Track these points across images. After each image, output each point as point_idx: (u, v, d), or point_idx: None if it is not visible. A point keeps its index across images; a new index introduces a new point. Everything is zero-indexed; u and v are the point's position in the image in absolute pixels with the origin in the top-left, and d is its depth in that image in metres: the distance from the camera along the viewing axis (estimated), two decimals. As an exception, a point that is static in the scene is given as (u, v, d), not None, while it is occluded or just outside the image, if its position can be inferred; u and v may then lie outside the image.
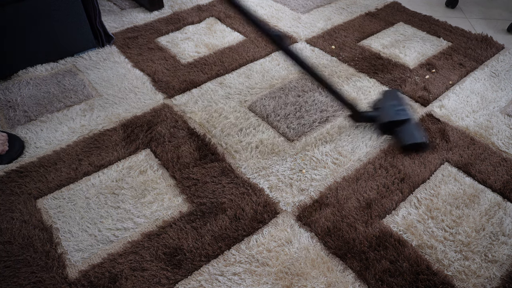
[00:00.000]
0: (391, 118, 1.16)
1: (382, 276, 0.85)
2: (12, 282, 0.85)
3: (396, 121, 1.16)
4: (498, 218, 0.97)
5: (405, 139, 1.13)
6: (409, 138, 1.13)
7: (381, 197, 1.01)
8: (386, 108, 1.20)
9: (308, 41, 1.62)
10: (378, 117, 1.17)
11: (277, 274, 0.87)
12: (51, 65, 1.48)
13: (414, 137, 1.13)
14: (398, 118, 1.16)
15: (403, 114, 1.17)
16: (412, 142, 1.12)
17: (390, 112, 1.18)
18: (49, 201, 1.02)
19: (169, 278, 0.86)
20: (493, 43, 1.59)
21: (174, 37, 1.66)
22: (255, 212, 0.98)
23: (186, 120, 1.25)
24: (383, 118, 1.16)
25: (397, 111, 1.18)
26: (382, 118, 1.17)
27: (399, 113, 1.17)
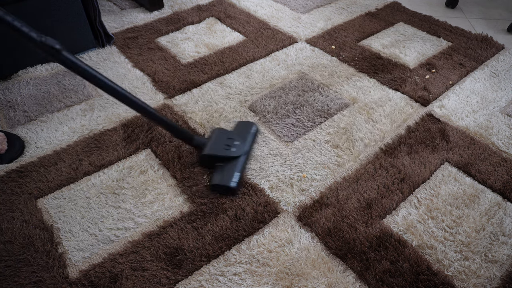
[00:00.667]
0: (211, 151, 1.05)
1: (382, 277, 0.86)
2: (13, 281, 0.85)
3: (215, 156, 1.05)
4: (498, 218, 0.97)
5: (216, 179, 1.02)
6: (220, 178, 1.01)
7: (381, 197, 1.02)
8: (215, 139, 1.08)
9: (308, 41, 1.62)
10: (204, 146, 1.07)
11: (277, 275, 0.87)
12: (51, 65, 1.48)
13: (225, 179, 1.01)
14: (219, 153, 1.05)
15: (229, 151, 1.05)
16: (219, 183, 1.01)
17: (216, 145, 1.07)
18: (49, 200, 1.02)
19: (169, 278, 0.86)
20: (493, 43, 1.59)
21: (174, 37, 1.66)
22: (256, 212, 0.98)
23: (187, 120, 1.25)
24: (205, 149, 1.06)
25: (227, 145, 1.06)
26: (205, 149, 1.06)
27: (225, 149, 1.06)
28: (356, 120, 1.25)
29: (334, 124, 1.23)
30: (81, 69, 0.83)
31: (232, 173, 1.02)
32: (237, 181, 1.01)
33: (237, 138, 1.09)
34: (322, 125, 1.23)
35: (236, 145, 1.07)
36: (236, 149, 1.06)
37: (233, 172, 1.02)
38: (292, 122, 1.24)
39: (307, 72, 1.45)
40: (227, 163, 1.05)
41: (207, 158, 1.06)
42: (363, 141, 1.17)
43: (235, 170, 1.03)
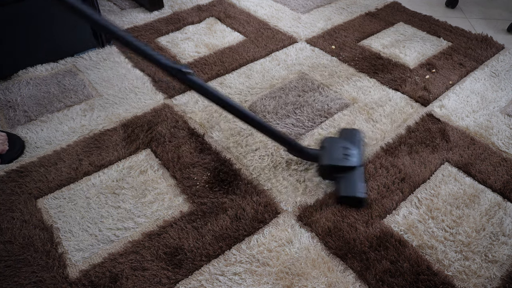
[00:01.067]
0: (332, 161, 1.01)
1: (382, 277, 0.86)
2: (13, 281, 0.85)
3: (337, 166, 1.00)
4: (498, 218, 0.97)
5: (342, 190, 0.99)
6: (346, 189, 0.98)
7: (381, 197, 1.01)
8: (332, 149, 1.03)
9: (308, 41, 1.62)
10: (320, 157, 1.03)
11: (277, 274, 0.87)
12: (51, 65, 1.48)
13: (352, 190, 0.98)
14: (341, 163, 1.00)
15: (350, 160, 1.01)
16: (348, 195, 0.98)
17: (335, 155, 1.02)
18: (49, 200, 1.02)
19: (169, 278, 0.86)
20: (493, 43, 1.59)
21: (174, 37, 1.66)
22: (256, 212, 0.98)
23: (187, 120, 1.25)
24: (324, 160, 1.01)
25: (345, 155, 1.02)
26: (323, 159, 1.02)
27: (345, 158, 1.01)
28: (356, 120, 1.25)
29: (334, 124, 1.23)
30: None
31: (357, 183, 0.99)
32: (364, 191, 0.99)
33: (351, 146, 1.05)
34: (322, 125, 1.23)
35: (354, 154, 1.03)
36: (355, 159, 1.02)
37: (358, 183, 0.99)
38: (292, 122, 1.24)
39: (307, 72, 1.45)
40: (349, 173, 1.00)
41: (328, 168, 1.01)
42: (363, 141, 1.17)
43: (359, 180, 1.00)
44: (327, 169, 1.02)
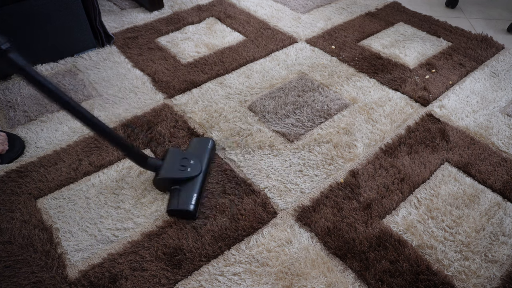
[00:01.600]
0: (166, 174, 0.98)
1: (382, 276, 0.85)
2: (12, 282, 0.85)
3: (171, 178, 0.98)
4: (498, 218, 0.97)
5: (172, 203, 0.96)
6: (176, 203, 0.96)
7: (381, 197, 1.01)
8: (169, 160, 1.01)
9: (308, 41, 1.62)
10: (159, 168, 1.00)
11: (277, 274, 0.87)
12: (51, 65, 1.48)
13: (179, 203, 0.95)
14: (174, 175, 0.98)
15: (185, 171, 0.99)
16: (176, 208, 0.95)
17: (170, 167, 1.00)
18: (49, 201, 1.02)
19: (169, 278, 0.86)
20: (493, 43, 1.59)
21: (174, 37, 1.66)
22: (255, 212, 0.98)
23: (186, 120, 1.25)
24: (160, 173, 0.99)
25: (182, 166, 0.99)
26: (159, 171, 0.99)
27: (181, 170, 0.99)
28: (356, 120, 1.24)
29: (334, 124, 1.23)
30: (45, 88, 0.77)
31: (189, 195, 0.96)
32: (195, 203, 0.96)
33: (192, 157, 1.03)
34: (322, 125, 1.23)
35: (192, 164, 1.00)
36: (191, 169, 1.00)
37: (190, 194, 0.96)
38: (292, 122, 1.24)
39: (307, 72, 1.45)
40: (184, 185, 0.98)
41: (162, 181, 0.99)
42: (363, 141, 1.17)
43: (192, 192, 0.97)
44: (161, 182, 1.00)
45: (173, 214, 0.97)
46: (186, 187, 0.98)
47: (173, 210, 0.96)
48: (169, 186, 1.00)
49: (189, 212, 0.94)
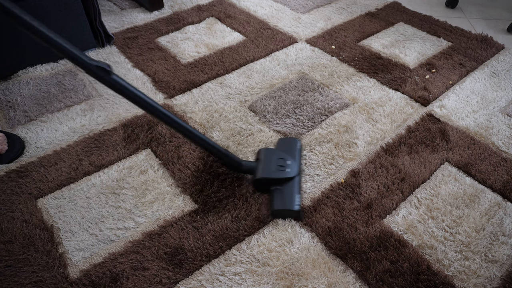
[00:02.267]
0: (266, 174, 0.99)
1: (382, 276, 0.86)
2: (13, 281, 0.85)
3: (271, 179, 0.98)
4: (498, 218, 0.97)
5: (277, 203, 0.96)
6: (281, 203, 0.96)
7: (381, 197, 1.02)
8: (267, 161, 1.01)
9: (308, 41, 1.62)
10: (255, 169, 1.01)
11: (277, 274, 0.87)
12: (51, 65, 1.48)
13: (286, 203, 0.95)
14: (275, 176, 0.98)
15: (285, 172, 0.99)
16: (282, 208, 0.95)
17: (269, 167, 1.00)
18: (49, 200, 1.02)
19: (170, 278, 0.86)
20: (493, 43, 1.59)
21: (174, 37, 1.66)
22: (256, 212, 0.98)
23: (187, 120, 1.25)
24: (259, 173, 0.99)
25: (280, 166, 1.00)
26: (258, 172, 1.00)
27: (280, 170, 0.99)
28: (356, 120, 1.25)
29: (334, 123, 1.23)
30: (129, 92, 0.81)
31: (293, 195, 0.97)
32: (300, 203, 0.96)
33: (287, 157, 1.03)
34: (322, 125, 1.23)
35: (289, 164, 1.01)
36: (291, 169, 1.00)
37: (293, 195, 0.97)
38: (292, 122, 1.24)
39: (307, 72, 1.46)
40: (284, 185, 0.98)
41: (262, 182, 0.99)
42: (363, 141, 1.18)
43: (295, 192, 0.97)
44: (261, 182, 1.00)
45: (277, 214, 0.97)
46: (287, 187, 0.98)
47: (279, 210, 0.95)
48: (268, 186, 1.00)
49: (296, 212, 0.95)
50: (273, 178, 0.98)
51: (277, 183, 0.99)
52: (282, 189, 0.98)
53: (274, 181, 0.99)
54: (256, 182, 1.00)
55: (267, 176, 0.98)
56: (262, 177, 0.98)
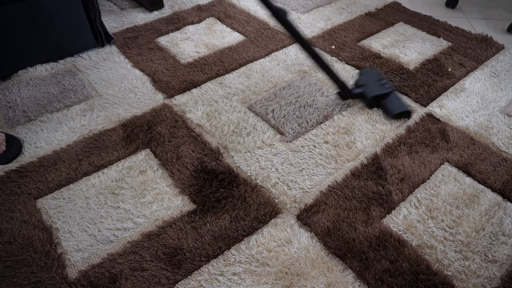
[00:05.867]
0: (377, 92, 1.26)
1: (382, 276, 0.85)
2: (12, 282, 0.85)
3: (382, 94, 1.26)
4: (498, 218, 0.97)
5: (393, 109, 1.23)
6: (396, 107, 1.24)
7: (381, 197, 1.01)
8: (370, 84, 1.29)
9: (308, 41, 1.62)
10: (365, 93, 1.28)
11: (277, 274, 0.87)
12: (51, 65, 1.48)
13: (400, 107, 1.24)
14: (383, 91, 1.26)
15: (387, 87, 1.27)
16: (400, 111, 1.23)
17: (375, 87, 1.28)
18: (49, 201, 1.02)
19: (169, 278, 0.86)
20: (493, 43, 1.59)
21: (174, 37, 1.66)
22: (255, 212, 0.98)
23: (186, 120, 1.25)
24: (370, 93, 1.26)
25: (381, 85, 1.28)
26: (368, 93, 1.26)
27: (383, 87, 1.27)
28: (356, 120, 1.24)
29: (334, 124, 1.23)
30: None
31: (401, 101, 1.27)
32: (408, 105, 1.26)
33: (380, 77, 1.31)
34: (322, 125, 1.23)
35: (385, 82, 1.30)
36: (389, 85, 1.29)
37: (401, 101, 1.27)
38: (292, 122, 1.24)
39: (307, 72, 1.45)
40: (389, 97, 1.27)
41: (376, 99, 1.26)
42: (363, 141, 1.17)
43: (400, 99, 1.27)
44: (373, 100, 1.27)
45: (397, 117, 1.25)
46: (392, 98, 1.27)
47: (398, 114, 1.23)
48: (379, 101, 1.27)
49: (409, 112, 1.25)
50: (383, 94, 1.26)
51: (385, 97, 1.27)
52: (391, 100, 1.27)
53: (383, 96, 1.27)
54: (372, 99, 1.26)
55: (379, 93, 1.26)
56: (375, 94, 1.26)
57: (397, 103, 1.26)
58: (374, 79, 1.31)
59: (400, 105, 1.25)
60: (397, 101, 1.27)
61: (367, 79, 1.32)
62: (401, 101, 1.27)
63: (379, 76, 1.33)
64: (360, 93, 1.29)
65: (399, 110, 1.23)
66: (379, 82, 1.29)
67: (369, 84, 1.30)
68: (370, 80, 1.32)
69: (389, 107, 1.25)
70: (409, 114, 1.25)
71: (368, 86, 1.29)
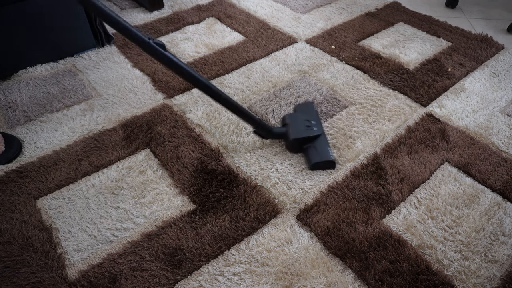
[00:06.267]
0: (299, 135, 1.10)
1: (382, 276, 0.85)
2: (12, 282, 0.85)
3: (303, 138, 1.10)
4: (498, 218, 0.97)
5: (313, 158, 1.08)
6: (318, 156, 1.08)
7: (381, 197, 1.01)
8: (295, 123, 1.13)
9: (308, 41, 1.62)
10: (287, 133, 1.11)
11: (276, 274, 0.86)
12: (51, 65, 1.48)
13: (322, 155, 1.07)
14: (306, 135, 1.10)
15: (312, 130, 1.11)
16: (320, 160, 1.07)
17: (298, 128, 1.11)
18: (48, 201, 1.02)
19: (168, 278, 0.86)
20: (493, 43, 1.59)
21: (174, 37, 1.66)
22: (255, 212, 0.98)
23: (186, 120, 1.25)
24: (292, 135, 1.10)
25: (307, 126, 1.12)
26: (290, 134, 1.10)
27: (308, 129, 1.11)
28: (356, 120, 1.24)
29: (333, 124, 1.23)
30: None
31: (325, 148, 1.09)
32: (333, 154, 1.09)
33: (310, 118, 1.16)
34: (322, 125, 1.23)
35: (314, 124, 1.14)
36: (317, 128, 1.13)
37: (326, 148, 1.09)
38: (292, 122, 1.24)
39: (307, 72, 1.45)
40: (314, 142, 1.11)
41: (296, 142, 1.11)
42: (362, 141, 1.17)
43: (326, 146, 1.10)
44: (295, 143, 1.11)
45: (316, 167, 1.08)
46: (317, 143, 1.10)
47: (317, 163, 1.07)
48: (301, 145, 1.12)
49: (332, 162, 1.08)
50: (305, 137, 1.10)
51: (308, 141, 1.11)
52: (314, 145, 1.10)
53: (306, 140, 1.11)
54: (291, 142, 1.11)
55: (300, 136, 1.10)
56: (296, 137, 1.09)
57: (320, 150, 1.09)
58: (301, 118, 1.14)
59: (323, 154, 1.08)
60: (322, 147, 1.09)
61: (293, 118, 1.15)
62: (326, 148, 1.09)
63: (313, 114, 1.19)
64: (282, 133, 1.12)
65: (319, 159, 1.07)
66: (306, 123, 1.13)
67: (293, 124, 1.12)
68: (296, 119, 1.14)
69: (310, 154, 1.09)
70: (333, 164, 1.08)
71: (292, 126, 1.12)
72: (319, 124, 1.16)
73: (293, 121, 1.14)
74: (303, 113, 1.19)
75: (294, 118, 1.15)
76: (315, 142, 1.10)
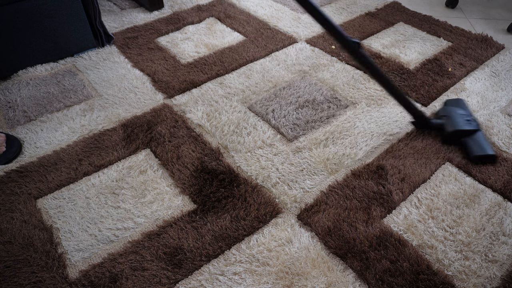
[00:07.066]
0: (459, 127, 1.12)
1: (382, 276, 0.85)
2: (12, 282, 0.85)
3: (464, 130, 1.12)
4: (499, 218, 0.97)
5: (476, 150, 1.09)
6: (480, 149, 1.09)
7: (381, 197, 1.01)
8: (454, 116, 1.15)
9: (308, 41, 1.62)
10: (444, 125, 1.14)
11: (277, 274, 0.86)
12: (51, 65, 1.48)
13: (485, 149, 1.09)
14: (467, 127, 1.12)
15: (472, 124, 1.14)
16: (483, 153, 1.08)
17: (458, 121, 1.14)
18: (49, 201, 1.02)
19: (169, 278, 0.86)
20: (493, 43, 1.59)
21: (174, 37, 1.66)
22: (256, 211, 0.98)
23: (186, 120, 1.25)
24: (450, 127, 1.13)
25: (466, 120, 1.14)
26: (449, 126, 1.13)
27: (468, 123, 1.14)
28: (357, 120, 1.24)
29: (334, 123, 1.23)
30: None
31: (485, 143, 1.10)
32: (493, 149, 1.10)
33: (466, 113, 1.18)
34: (322, 125, 1.23)
35: (472, 119, 1.15)
36: (475, 123, 1.15)
37: (486, 142, 1.11)
38: (292, 122, 1.24)
39: (307, 72, 1.45)
40: (473, 136, 1.12)
41: (456, 133, 1.12)
42: (363, 141, 1.17)
43: (485, 141, 1.11)
44: (454, 135, 1.13)
45: (478, 160, 1.09)
46: (476, 137, 1.12)
47: (480, 156, 1.08)
48: (459, 138, 1.13)
49: (494, 156, 1.08)
50: (466, 130, 1.12)
51: (467, 135, 1.12)
52: (474, 139, 1.11)
53: (465, 133, 1.12)
54: (451, 133, 1.12)
55: (461, 128, 1.11)
56: (456, 129, 1.11)
57: (481, 144, 1.10)
58: (459, 112, 1.17)
59: (485, 147, 1.09)
60: (482, 142, 1.11)
61: (451, 111, 1.18)
62: (486, 143, 1.11)
63: (466, 110, 1.20)
64: (439, 125, 1.15)
65: (482, 152, 1.08)
66: (465, 117, 1.15)
67: (452, 117, 1.16)
68: (454, 112, 1.17)
69: (471, 147, 1.10)
70: (494, 158, 1.09)
71: (451, 119, 1.15)
72: (476, 121, 1.16)
73: (451, 114, 1.16)
74: (458, 108, 1.20)
75: (451, 111, 1.17)
76: (473, 136, 1.12)
